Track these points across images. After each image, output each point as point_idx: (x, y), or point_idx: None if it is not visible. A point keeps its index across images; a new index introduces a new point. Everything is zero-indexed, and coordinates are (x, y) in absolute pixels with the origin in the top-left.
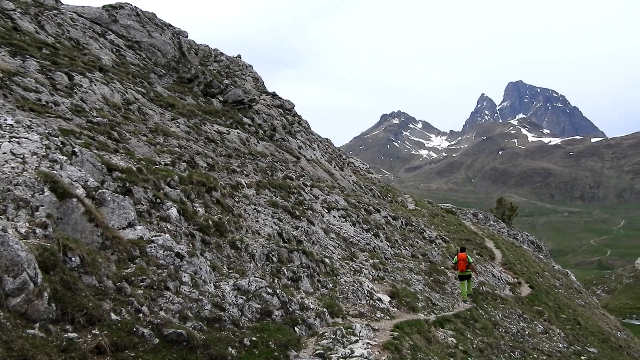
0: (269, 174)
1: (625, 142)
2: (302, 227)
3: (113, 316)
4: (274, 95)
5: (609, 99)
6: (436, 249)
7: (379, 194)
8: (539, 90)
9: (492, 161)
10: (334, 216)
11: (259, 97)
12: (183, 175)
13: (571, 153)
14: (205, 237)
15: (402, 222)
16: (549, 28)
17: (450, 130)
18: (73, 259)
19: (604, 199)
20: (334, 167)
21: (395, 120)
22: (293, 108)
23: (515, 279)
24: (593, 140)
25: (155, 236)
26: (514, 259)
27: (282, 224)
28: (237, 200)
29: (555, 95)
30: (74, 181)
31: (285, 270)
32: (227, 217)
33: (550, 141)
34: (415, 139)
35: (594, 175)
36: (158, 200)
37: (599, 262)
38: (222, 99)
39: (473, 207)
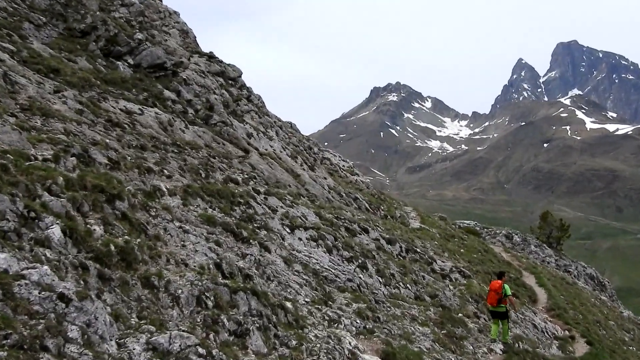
0: (203, 175)
1: None
2: (251, 255)
3: None
4: (211, 57)
5: None
6: (451, 287)
7: (367, 205)
8: (601, 55)
9: (533, 158)
10: (300, 238)
11: (189, 59)
12: (71, 176)
13: None
14: (104, 271)
15: (401, 247)
16: None
17: (474, 112)
18: None
19: None
20: (301, 165)
21: (393, 97)
22: (240, 77)
23: (567, 331)
24: None
25: (28, 269)
26: (565, 301)
27: (221, 250)
28: (153, 214)
29: (624, 63)
30: None
31: (225, 320)
32: (139, 240)
33: (617, 129)
34: (422, 124)
35: None
36: (32, 215)
37: None
38: (132, 62)
39: (506, 225)
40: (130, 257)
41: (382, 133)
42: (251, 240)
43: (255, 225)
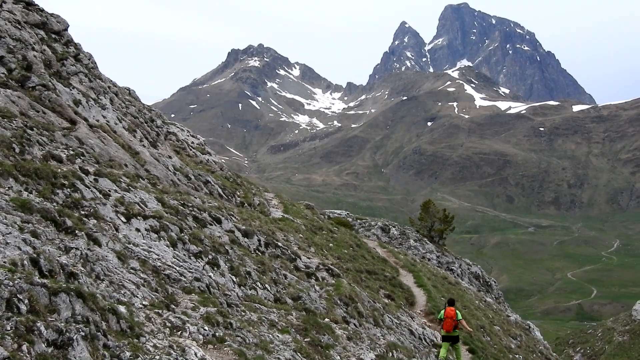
0: (17, 151)
1: (623, 112)
2: (77, 248)
3: None
4: (29, 4)
5: (600, 46)
6: (317, 287)
7: (220, 190)
8: (494, 21)
9: (415, 138)
10: (138, 229)
11: (1, 6)
12: None
13: (542, 128)
14: None
15: (259, 240)
16: None
17: (348, 83)
18: None
19: (590, 205)
20: (141, 140)
21: (255, 62)
22: (66, 30)
23: None
24: (576, 108)
25: None
26: None
27: (39, 243)
28: None
29: (519, 31)
30: None
31: (42, 328)
32: None
33: (509, 108)
34: (289, 95)
35: (576, 165)
36: None
37: (579, 308)
38: None
39: (383, 215)
40: None
41: (240, 105)
42: (77, 231)
43: (83, 212)
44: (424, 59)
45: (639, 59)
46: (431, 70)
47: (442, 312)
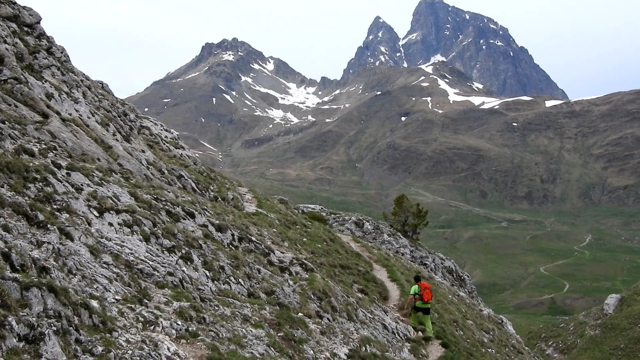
0: None
1: (596, 108)
2: (49, 243)
3: None
4: None
5: (573, 42)
6: (291, 282)
7: (194, 185)
8: (467, 17)
9: (389, 133)
10: (111, 224)
11: None
12: None
13: (515, 124)
14: None
15: (233, 235)
16: None
17: (323, 78)
18: None
19: (562, 199)
20: (114, 134)
21: (229, 56)
22: (38, 23)
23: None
24: (549, 103)
25: None
26: None
27: (10, 237)
28: None
29: (493, 27)
30: None
31: (14, 323)
32: None
33: (482, 103)
34: (263, 90)
35: (549, 160)
36: None
37: (552, 302)
38: None
39: (357, 210)
40: None
41: (214, 99)
42: (49, 225)
43: (55, 206)
44: (398, 54)
45: (612, 55)
46: (405, 65)
47: (415, 287)
